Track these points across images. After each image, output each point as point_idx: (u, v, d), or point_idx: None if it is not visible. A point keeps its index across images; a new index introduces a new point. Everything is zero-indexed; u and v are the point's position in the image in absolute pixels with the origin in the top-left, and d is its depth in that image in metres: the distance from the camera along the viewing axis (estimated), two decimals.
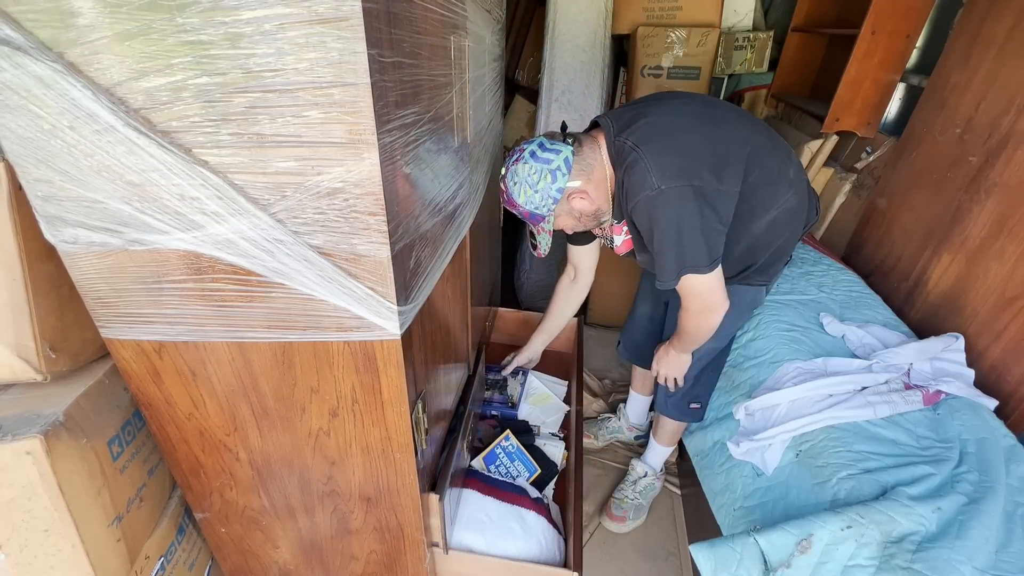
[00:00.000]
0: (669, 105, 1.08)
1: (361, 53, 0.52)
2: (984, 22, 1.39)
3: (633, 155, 0.99)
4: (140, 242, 0.64)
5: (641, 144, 0.99)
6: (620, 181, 1.04)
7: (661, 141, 0.99)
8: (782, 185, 1.10)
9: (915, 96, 1.70)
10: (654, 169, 0.96)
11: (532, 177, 1.02)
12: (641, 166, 0.97)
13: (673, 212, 0.97)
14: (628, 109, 1.09)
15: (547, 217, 1.07)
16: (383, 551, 1.02)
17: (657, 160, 0.97)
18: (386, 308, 0.69)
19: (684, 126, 1.02)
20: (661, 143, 0.99)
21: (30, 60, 0.52)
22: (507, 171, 1.05)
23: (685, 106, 1.08)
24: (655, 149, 0.98)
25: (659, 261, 1.03)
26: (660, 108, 1.07)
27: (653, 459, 1.63)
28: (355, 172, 0.59)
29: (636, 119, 1.03)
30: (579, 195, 1.06)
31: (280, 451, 0.86)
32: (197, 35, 0.52)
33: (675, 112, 1.06)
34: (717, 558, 0.92)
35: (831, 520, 0.86)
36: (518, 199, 1.04)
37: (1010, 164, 1.24)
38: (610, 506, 1.61)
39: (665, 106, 1.07)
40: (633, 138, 1.00)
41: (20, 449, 0.67)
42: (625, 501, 1.60)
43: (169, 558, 0.95)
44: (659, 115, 1.04)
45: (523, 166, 1.02)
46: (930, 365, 1.19)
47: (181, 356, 0.75)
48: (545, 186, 1.02)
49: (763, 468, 1.10)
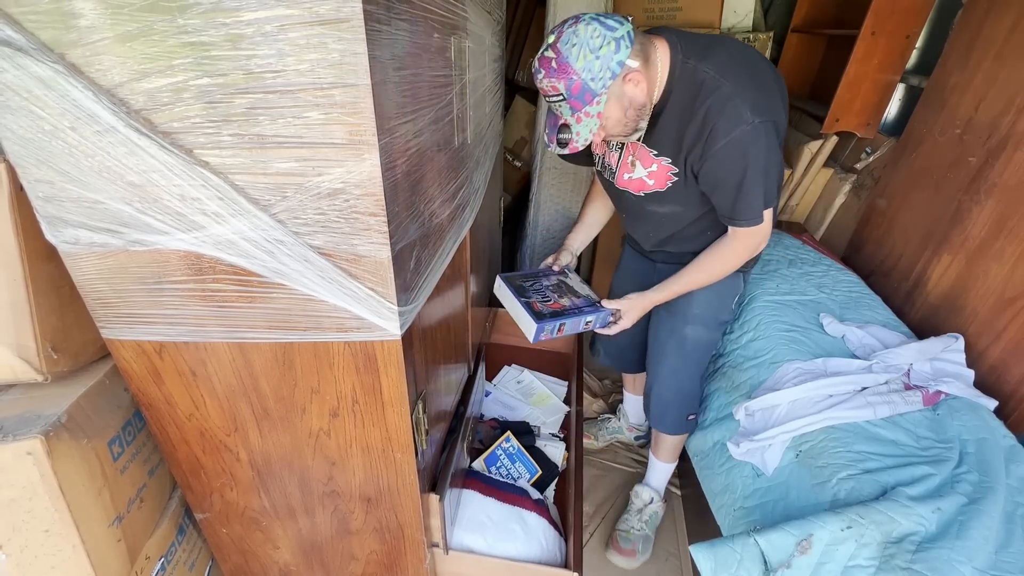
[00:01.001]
0: (735, 43, 1.04)
1: (362, 54, 0.52)
2: (984, 23, 1.39)
3: (723, 88, 0.94)
4: (141, 243, 0.64)
5: (728, 76, 0.95)
6: (694, 110, 0.97)
7: (748, 77, 0.97)
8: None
9: (915, 97, 1.70)
10: (748, 103, 0.94)
11: (594, 40, 0.90)
12: (735, 101, 0.94)
13: (763, 146, 0.96)
14: (688, 35, 1.02)
15: (598, 96, 0.94)
16: (383, 551, 1.02)
17: (750, 95, 0.94)
18: (386, 308, 0.69)
19: (760, 65, 1.01)
20: (749, 79, 0.96)
21: (31, 61, 0.53)
22: (560, 34, 0.92)
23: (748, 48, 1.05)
24: (745, 83, 0.95)
25: (744, 198, 1.00)
26: (730, 43, 1.03)
27: (656, 481, 1.55)
28: (356, 173, 0.59)
29: (710, 49, 0.98)
30: (636, 78, 0.95)
31: (280, 451, 0.86)
32: (198, 36, 0.52)
33: (744, 49, 1.03)
34: (717, 558, 0.92)
35: (831, 520, 0.86)
36: (575, 63, 0.90)
37: (1010, 164, 1.24)
38: (616, 539, 1.51)
39: (732, 43, 1.04)
40: (716, 69, 0.96)
41: (21, 449, 0.67)
42: (632, 533, 1.51)
43: (169, 558, 0.95)
44: (735, 49, 1.00)
45: (585, 27, 0.90)
46: (930, 365, 1.19)
47: (182, 356, 0.75)
48: (608, 54, 0.90)
49: (763, 468, 1.10)
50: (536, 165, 2.20)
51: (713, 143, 0.97)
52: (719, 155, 0.98)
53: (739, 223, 1.05)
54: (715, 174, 1.02)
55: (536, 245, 2.24)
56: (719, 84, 0.95)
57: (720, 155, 0.98)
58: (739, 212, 1.03)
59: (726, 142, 0.96)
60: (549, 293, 1.27)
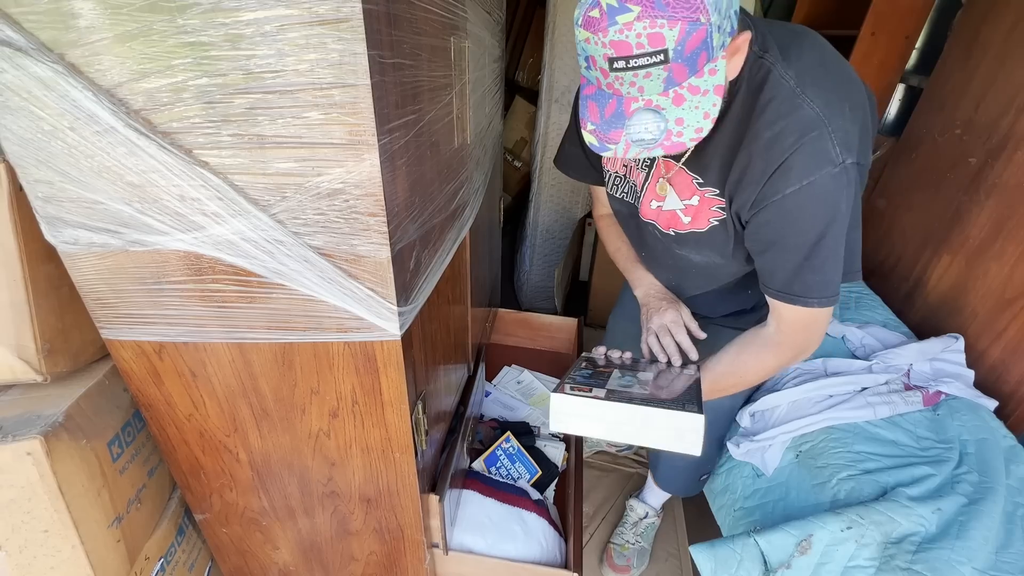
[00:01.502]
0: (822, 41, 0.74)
1: (361, 54, 0.52)
2: (983, 23, 1.39)
3: (805, 108, 0.65)
4: (140, 243, 0.64)
5: (813, 89, 0.66)
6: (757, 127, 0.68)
7: (841, 96, 0.67)
8: None
9: (915, 97, 1.70)
10: (839, 135, 0.65)
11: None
12: (822, 130, 0.65)
13: (850, 197, 0.67)
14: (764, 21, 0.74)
15: (714, 61, 0.60)
16: (383, 552, 1.02)
17: (841, 123, 0.66)
18: (386, 309, 0.69)
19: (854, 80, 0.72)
20: (842, 98, 0.67)
21: (31, 61, 0.52)
22: None
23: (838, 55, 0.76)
24: (836, 104, 0.66)
25: (812, 269, 0.71)
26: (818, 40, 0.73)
27: (654, 500, 1.49)
28: (355, 173, 0.59)
29: (792, 44, 0.70)
30: (740, 45, 0.64)
31: (280, 452, 0.86)
32: (197, 36, 0.52)
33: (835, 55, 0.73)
34: (717, 559, 0.92)
35: (831, 521, 0.86)
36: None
37: (1010, 165, 1.24)
38: (610, 553, 1.45)
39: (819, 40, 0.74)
40: (797, 77, 0.66)
41: (20, 450, 0.67)
42: (627, 547, 1.45)
43: (169, 559, 0.95)
44: (824, 51, 0.71)
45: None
46: (930, 366, 1.19)
47: (181, 357, 0.75)
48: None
49: (763, 469, 1.10)
50: (536, 165, 2.20)
51: (781, 186, 0.67)
52: (787, 205, 0.68)
53: (800, 301, 0.74)
54: (775, 230, 0.71)
55: (536, 245, 2.24)
56: (799, 102, 0.66)
57: (788, 205, 0.68)
58: (802, 287, 0.73)
59: (800, 187, 0.67)
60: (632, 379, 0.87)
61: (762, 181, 0.69)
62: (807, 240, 0.70)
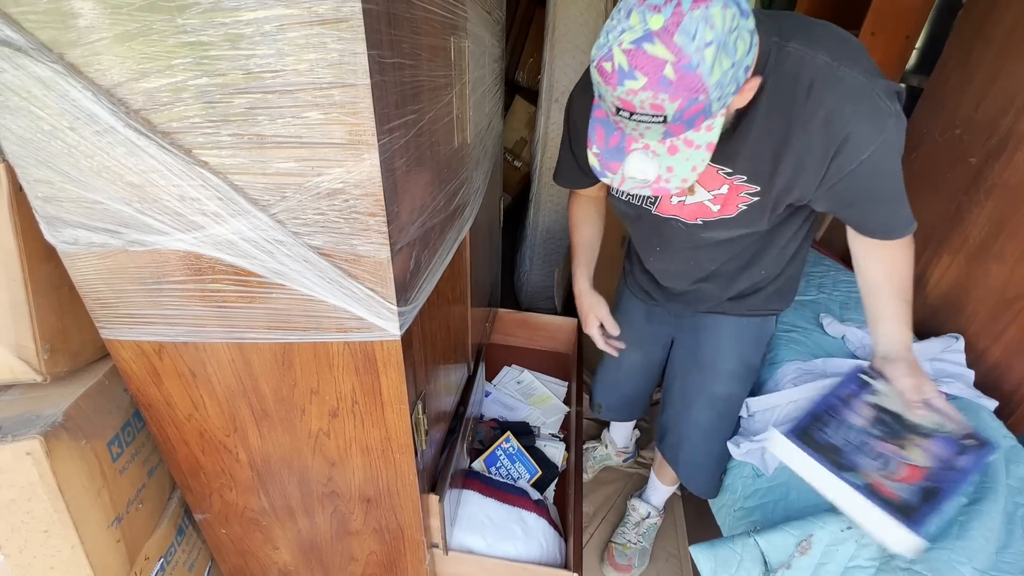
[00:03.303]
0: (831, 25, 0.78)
1: (361, 54, 0.52)
2: (984, 22, 1.39)
3: (847, 78, 0.69)
4: (140, 243, 0.64)
5: (847, 59, 0.69)
6: (804, 112, 0.71)
7: (866, 58, 0.72)
8: None
9: (915, 97, 1.70)
10: (882, 88, 0.69)
11: (734, 39, 0.58)
12: (869, 91, 0.69)
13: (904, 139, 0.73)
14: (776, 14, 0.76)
15: (712, 119, 0.64)
16: (383, 552, 1.02)
17: (880, 80, 0.70)
18: (386, 309, 0.69)
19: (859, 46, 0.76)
20: (868, 60, 0.72)
21: (31, 61, 0.52)
22: (675, 16, 0.56)
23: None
24: (867, 64, 0.71)
25: (899, 209, 0.80)
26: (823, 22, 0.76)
27: (657, 499, 1.49)
28: (355, 173, 0.59)
29: (810, 27, 0.73)
30: (752, 85, 0.67)
31: (280, 452, 0.86)
32: (197, 36, 0.52)
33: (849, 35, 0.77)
34: (717, 559, 0.92)
35: (831, 521, 0.86)
36: (707, 73, 0.58)
37: (1010, 165, 1.24)
38: (612, 553, 1.46)
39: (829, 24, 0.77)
40: (829, 53, 0.70)
41: (20, 450, 0.67)
42: (628, 547, 1.45)
43: (169, 559, 0.95)
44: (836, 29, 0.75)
45: (720, 11, 0.56)
46: (930, 366, 1.19)
47: (181, 357, 0.75)
48: (742, 56, 0.60)
49: (763, 469, 1.10)
50: (536, 165, 2.20)
51: (854, 155, 0.71)
52: (864, 170, 0.73)
53: (894, 237, 0.82)
54: (859, 191, 0.76)
55: (536, 245, 2.24)
56: (841, 74, 0.68)
57: (866, 169, 0.73)
58: (895, 227, 0.81)
59: (872, 151, 0.71)
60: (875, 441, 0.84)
61: (827, 158, 0.73)
62: (890, 190, 0.77)
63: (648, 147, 0.66)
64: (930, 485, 0.80)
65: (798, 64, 0.70)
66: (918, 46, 1.75)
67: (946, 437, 0.86)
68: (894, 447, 0.84)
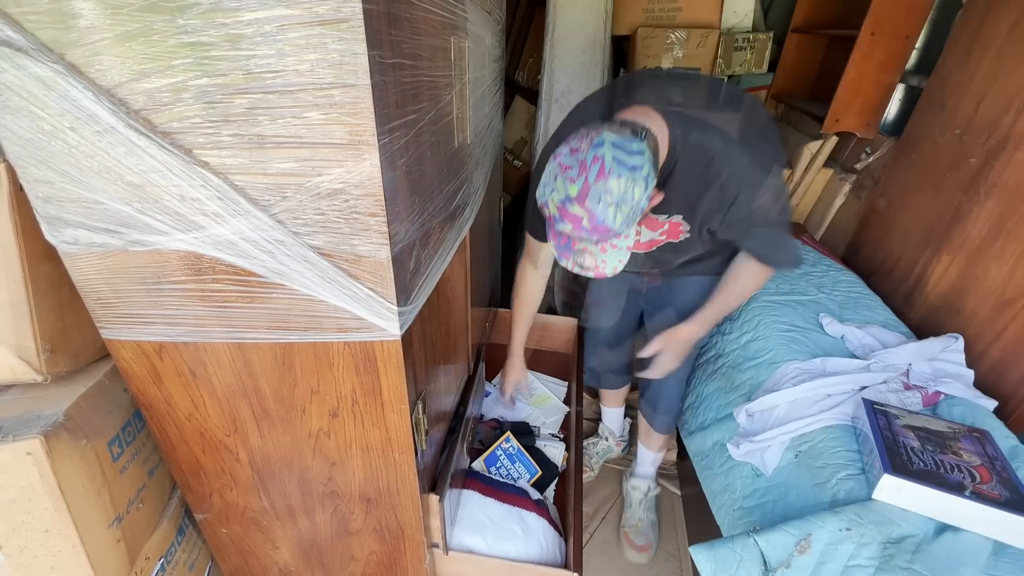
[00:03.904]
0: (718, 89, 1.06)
1: (361, 54, 0.52)
2: (983, 23, 1.39)
3: (735, 158, 0.95)
4: (140, 243, 0.64)
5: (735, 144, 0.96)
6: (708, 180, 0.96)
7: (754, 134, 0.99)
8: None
9: (915, 97, 1.70)
10: (763, 164, 0.97)
11: (628, 191, 0.80)
12: (753, 169, 0.96)
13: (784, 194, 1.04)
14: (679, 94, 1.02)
15: (628, 231, 0.88)
16: (383, 552, 1.02)
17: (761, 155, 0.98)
18: (386, 309, 0.69)
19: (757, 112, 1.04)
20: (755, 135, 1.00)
21: (31, 61, 0.53)
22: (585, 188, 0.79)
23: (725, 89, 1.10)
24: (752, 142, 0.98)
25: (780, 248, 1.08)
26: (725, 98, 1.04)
27: (649, 470, 1.62)
28: (355, 173, 0.59)
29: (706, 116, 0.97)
30: (656, 195, 0.91)
31: (280, 452, 0.86)
32: (198, 36, 0.52)
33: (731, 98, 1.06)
34: (717, 559, 0.92)
35: (830, 520, 0.86)
36: (612, 222, 0.81)
37: (1009, 165, 1.24)
38: (629, 537, 1.55)
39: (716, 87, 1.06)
40: (722, 139, 0.95)
41: (20, 450, 0.67)
42: (641, 525, 1.56)
43: (169, 559, 0.95)
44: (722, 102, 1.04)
45: (616, 181, 0.79)
46: (929, 366, 1.19)
47: (181, 357, 0.75)
48: (639, 198, 0.82)
49: (763, 469, 1.10)
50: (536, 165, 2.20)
51: (738, 210, 0.98)
52: (748, 220, 1.00)
53: (766, 263, 1.10)
54: (745, 231, 1.04)
55: None
56: (730, 156, 0.94)
57: (750, 220, 1.00)
58: (776, 260, 1.10)
59: (754, 209, 0.98)
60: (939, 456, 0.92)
61: (723, 211, 1.00)
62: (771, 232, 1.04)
63: (587, 249, 0.90)
64: (1000, 477, 0.87)
65: (699, 147, 0.95)
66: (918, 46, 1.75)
67: (965, 436, 0.97)
68: (953, 456, 0.92)
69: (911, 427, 0.98)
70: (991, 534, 0.84)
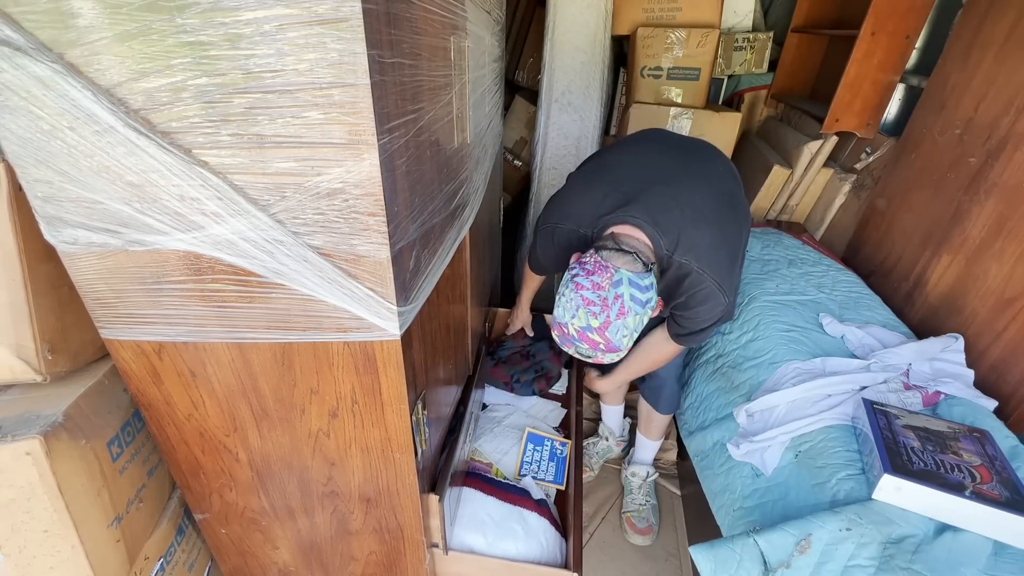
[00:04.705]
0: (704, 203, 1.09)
1: (361, 54, 0.52)
2: (984, 22, 1.39)
3: (705, 282, 1.05)
4: (140, 243, 0.64)
5: (708, 266, 1.05)
6: (678, 291, 1.08)
7: (726, 257, 1.08)
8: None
9: (915, 97, 1.70)
10: (727, 289, 1.07)
11: (640, 323, 0.96)
12: (716, 294, 1.06)
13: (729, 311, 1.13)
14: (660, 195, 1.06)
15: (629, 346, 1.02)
16: (383, 552, 1.02)
17: (727, 281, 1.08)
18: (386, 309, 0.69)
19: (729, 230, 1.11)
20: (727, 259, 1.09)
21: (30, 61, 0.52)
22: (607, 323, 0.92)
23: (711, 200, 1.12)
24: (724, 267, 1.07)
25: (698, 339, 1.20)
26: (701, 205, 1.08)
27: (648, 457, 1.66)
28: (355, 173, 0.59)
29: (684, 232, 1.03)
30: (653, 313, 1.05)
31: (280, 452, 0.86)
32: (197, 36, 0.52)
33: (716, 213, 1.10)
34: (717, 559, 0.92)
35: (830, 520, 0.86)
36: (622, 346, 0.96)
37: (1009, 165, 1.24)
38: (631, 522, 1.59)
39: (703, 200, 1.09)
40: (696, 259, 1.04)
41: (20, 450, 0.67)
42: (642, 510, 1.61)
43: (168, 559, 0.95)
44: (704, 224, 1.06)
45: (632, 318, 0.94)
46: (929, 366, 1.19)
47: (181, 357, 0.75)
48: (642, 323, 0.97)
49: (762, 469, 1.10)
50: (536, 165, 2.20)
51: (695, 317, 1.12)
52: (694, 322, 1.14)
53: (681, 344, 1.24)
54: (687, 325, 1.17)
55: None
56: (702, 279, 1.05)
57: (698, 322, 1.14)
58: (688, 342, 1.22)
59: (706, 318, 1.12)
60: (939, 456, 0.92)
61: (685, 310, 1.12)
62: (700, 329, 1.16)
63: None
64: (1000, 477, 0.87)
65: (678, 267, 1.05)
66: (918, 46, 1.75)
67: (965, 436, 0.97)
68: (953, 456, 0.92)
69: (911, 427, 0.98)
70: (991, 534, 0.84)
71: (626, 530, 1.59)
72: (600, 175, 1.18)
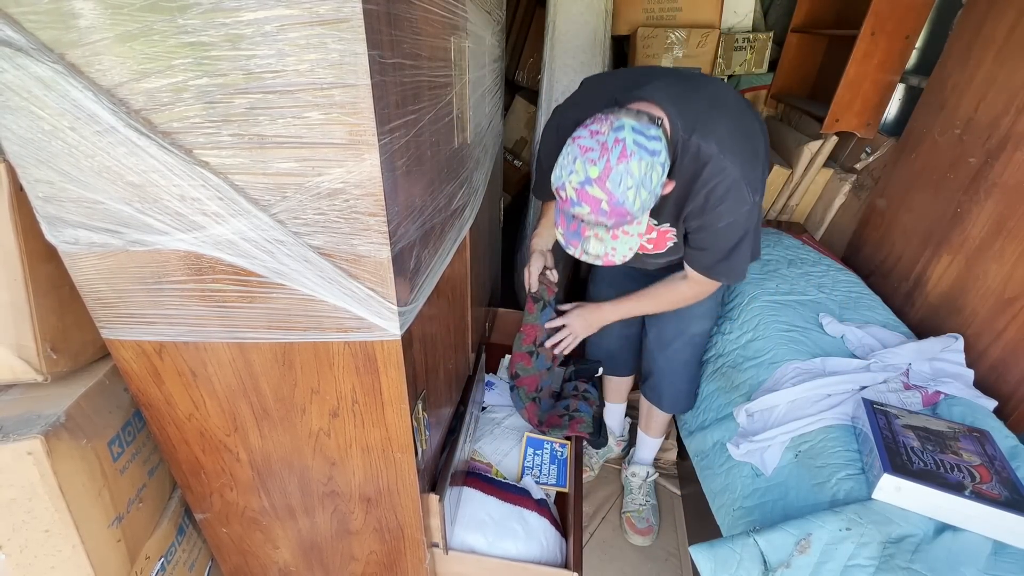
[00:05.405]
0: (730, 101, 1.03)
1: (362, 54, 0.52)
2: (984, 22, 1.39)
3: (728, 170, 0.94)
4: (141, 243, 0.64)
5: (730, 154, 0.94)
6: (695, 186, 0.97)
7: (749, 151, 0.98)
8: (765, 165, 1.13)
9: (915, 97, 1.70)
10: (749, 183, 0.97)
11: (648, 176, 0.83)
12: (740, 184, 0.96)
13: (757, 220, 1.04)
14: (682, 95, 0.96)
15: (640, 218, 0.91)
16: (383, 551, 1.02)
17: (751, 173, 0.98)
18: (386, 309, 0.69)
19: (754, 127, 1.03)
20: (750, 153, 0.99)
21: (31, 61, 0.53)
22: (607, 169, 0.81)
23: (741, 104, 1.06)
24: (747, 159, 0.97)
25: (729, 264, 1.09)
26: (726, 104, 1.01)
27: (648, 456, 1.66)
28: (355, 173, 0.59)
29: (709, 119, 0.95)
30: (669, 184, 0.94)
31: (280, 452, 0.86)
32: (198, 36, 0.52)
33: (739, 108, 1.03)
34: (717, 559, 0.92)
35: (830, 520, 0.86)
36: (630, 205, 0.84)
37: (1009, 165, 1.24)
38: (631, 522, 1.59)
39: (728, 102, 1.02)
40: (719, 145, 0.94)
41: (21, 450, 0.67)
42: (642, 510, 1.60)
43: (169, 558, 0.95)
44: (732, 113, 0.99)
45: (637, 163, 0.82)
46: (929, 366, 1.19)
47: (182, 356, 0.75)
48: (656, 182, 0.85)
49: (762, 469, 1.10)
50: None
51: (716, 221, 1.01)
52: (720, 231, 1.03)
53: (713, 277, 1.13)
54: (709, 242, 1.07)
55: None
56: (723, 165, 0.94)
57: (721, 231, 1.03)
58: (719, 272, 1.12)
59: (729, 222, 1.00)
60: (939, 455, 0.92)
61: (702, 216, 1.02)
62: (729, 247, 1.06)
63: (597, 235, 0.91)
64: (1000, 476, 0.88)
65: (696, 151, 0.95)
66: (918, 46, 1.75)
67: (964, 436, 0.97)
68: (953, 456, 0.92)
69: (911, 427, 0.98)
70: (991, 534, 0.84)
71: (626, 530, 1.59)
72: (614, 73, 1.14)
